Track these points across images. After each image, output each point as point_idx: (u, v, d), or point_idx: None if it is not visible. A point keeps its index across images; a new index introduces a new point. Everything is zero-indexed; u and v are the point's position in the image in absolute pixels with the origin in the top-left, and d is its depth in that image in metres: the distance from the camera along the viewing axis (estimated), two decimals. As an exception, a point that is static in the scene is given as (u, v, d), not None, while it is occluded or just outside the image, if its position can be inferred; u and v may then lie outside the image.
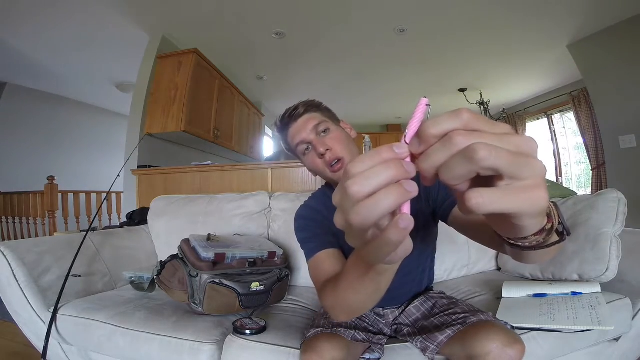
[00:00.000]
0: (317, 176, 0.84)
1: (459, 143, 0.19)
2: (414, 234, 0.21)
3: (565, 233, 0.32)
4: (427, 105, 0.22)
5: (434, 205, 0.77)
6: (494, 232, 0.29)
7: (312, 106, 0.82)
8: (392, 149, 0.22)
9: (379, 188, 0.20)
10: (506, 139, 0.19)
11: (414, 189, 0.20)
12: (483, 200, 0.18)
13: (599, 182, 3.63)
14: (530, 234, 0.25)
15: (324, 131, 0.78)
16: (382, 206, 0.20)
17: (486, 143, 0.18)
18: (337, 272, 0.63)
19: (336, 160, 0.76)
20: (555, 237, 0.31)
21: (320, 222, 0.82)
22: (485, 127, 0.20)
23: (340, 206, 0.23)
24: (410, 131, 0.22)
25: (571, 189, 1.90)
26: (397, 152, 0.21)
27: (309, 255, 0.76)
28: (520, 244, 0.29)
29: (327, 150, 0.76)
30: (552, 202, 0.30)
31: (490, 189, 0.19)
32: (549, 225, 0.29)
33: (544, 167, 0.19)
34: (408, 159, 0.22)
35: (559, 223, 0.31)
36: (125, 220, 1.83)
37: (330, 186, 0.94)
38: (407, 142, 0.22)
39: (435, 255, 0.96)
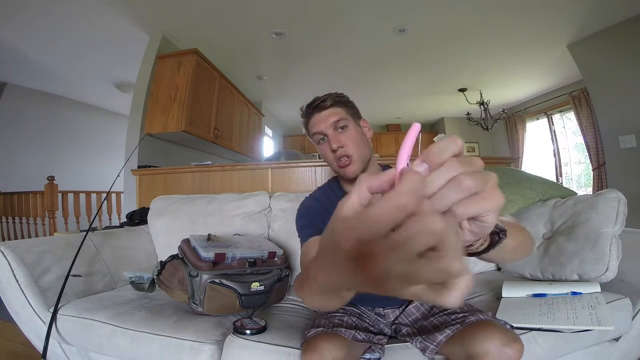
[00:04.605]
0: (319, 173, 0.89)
1: (470, 187, 0.22)
2: None
3: (500, 234, 0.38)
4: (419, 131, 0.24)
5: None
6: None
7: (339, 102, 0.85)
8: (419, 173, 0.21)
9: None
10: (474, 163, 0.23)
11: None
12: (465, 209, 0.22)
13: (600, 182, 3.63)
14: (488, 231, 0.28)
15: (342, 127, 0.83)
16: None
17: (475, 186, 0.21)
18: None
19: (345, 157, 0.81)
20: (495, 240, 0.38)
21: (321, 213, 0.84)
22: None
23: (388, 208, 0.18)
24: (407, 151, 0.23)
25: (571, 189, 1.90)
26: (421, 171, 0.22)
27: (302, 241, 0.78)
28: (473, 250, 0.37)
29: (340, 147, 0.81)
30: None
31: (471, 200, 0.22)
32: None
33: (496, 176, 0.23)
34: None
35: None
36: (125, 220, 1.82)
37: (337, 180, 0.95)
38: (407, 165, 0.23)
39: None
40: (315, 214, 0.84)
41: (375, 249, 0.18)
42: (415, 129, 0.23)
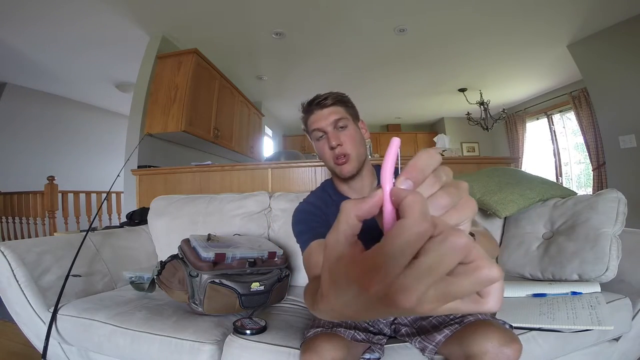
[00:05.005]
0: (318, 171, 0.88)
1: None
2: None
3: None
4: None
5: None
6: None
7: (340, 101, 0.86)
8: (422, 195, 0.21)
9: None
10: (446, 173, 0.22)
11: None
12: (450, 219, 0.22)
13: (600, 182, 3.63)
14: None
15: (342, 127, 0.84)
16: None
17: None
18: None
19: (343, 155, 0.82)
20: None
21: (318, 216, 0.85)
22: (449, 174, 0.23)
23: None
24: (390, 169, 0.21)
25: (571, 189, 1.90)
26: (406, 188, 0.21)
27: (303, 247, 0.78)
28: None
29: (339, 145, 0.82)
30: None
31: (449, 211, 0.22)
32: None
33: (467, 184, 0.23)
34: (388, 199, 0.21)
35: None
36: (125, 220, 1.83)
37: (331, 182, 0.95)
38: (394, 183, 0.21)
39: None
40: (312, 217, 0.85)
41: (404, 282, 0.17)
42: (395, 145, 0.22)
